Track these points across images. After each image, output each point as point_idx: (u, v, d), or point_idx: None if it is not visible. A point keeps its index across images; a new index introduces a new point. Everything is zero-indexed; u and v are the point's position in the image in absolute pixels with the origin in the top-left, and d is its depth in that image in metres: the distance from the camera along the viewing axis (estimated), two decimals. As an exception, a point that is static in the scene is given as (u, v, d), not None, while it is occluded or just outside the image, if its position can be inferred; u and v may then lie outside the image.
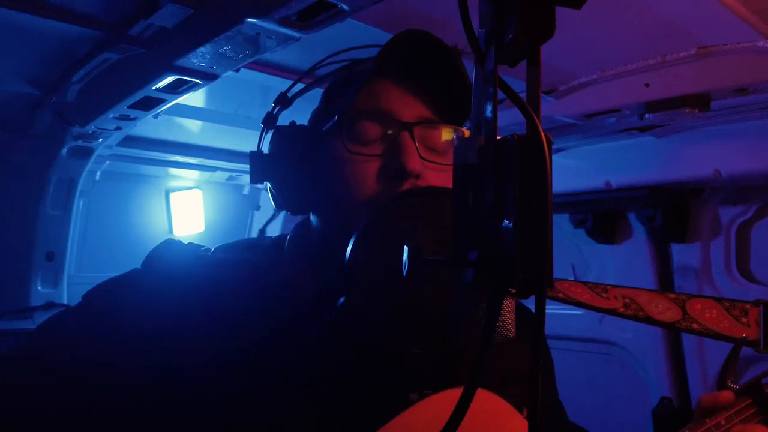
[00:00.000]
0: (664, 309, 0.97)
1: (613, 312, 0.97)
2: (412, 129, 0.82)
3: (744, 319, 0.97)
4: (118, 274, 0.87)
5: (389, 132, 0.83)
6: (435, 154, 0.84)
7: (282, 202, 0.91)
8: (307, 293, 0.84)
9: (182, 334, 0.77)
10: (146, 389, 0.75)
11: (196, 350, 0.76)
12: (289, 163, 0.89)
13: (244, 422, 0.73)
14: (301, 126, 0.93)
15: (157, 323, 0.78)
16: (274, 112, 0.98)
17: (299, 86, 0.99)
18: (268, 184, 0.92)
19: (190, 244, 0.92)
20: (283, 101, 0.98)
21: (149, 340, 0.77)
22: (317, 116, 0.94)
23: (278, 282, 0.86)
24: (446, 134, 0.85)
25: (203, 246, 0.93)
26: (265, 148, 0.93)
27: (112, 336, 0.78)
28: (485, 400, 0.79)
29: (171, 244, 0.90)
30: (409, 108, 0.84)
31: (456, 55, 0.82)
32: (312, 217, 0.92)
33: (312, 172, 0.88)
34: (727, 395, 0.88)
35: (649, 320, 0.97)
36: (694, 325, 0.96)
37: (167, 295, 0.82)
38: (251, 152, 0.92)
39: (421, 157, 0.82)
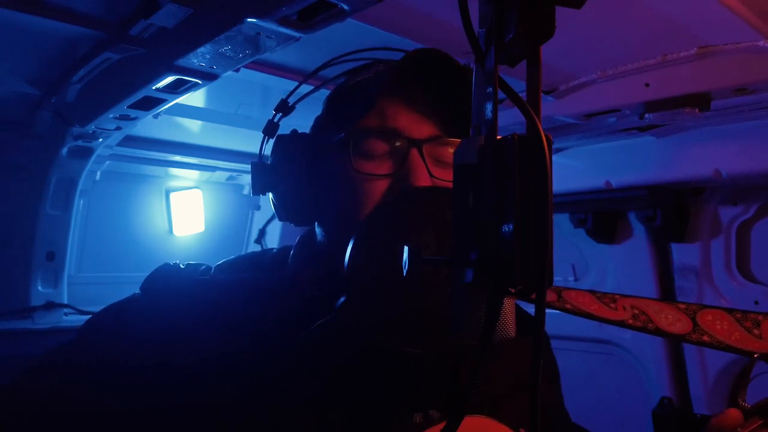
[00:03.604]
0: (674, 320, 0.93)
1: (621, 324, 0.93)
2: (421, 146, 0.81)
3: (756, 331, 0.92)
4: (117, 273, 0.88)
5: (398, 150, 0.82)
6: (446, 170, 0.83)
7: (285, 213, 0.90)
8: (307, 294, 0.84)
9: (181, 334, 0.78)
10: (145, 390, 0.75)
11: (195, 351, 0.76)
12: (292, 174, 0.87)
13: (243, 423, 0.73)
14: (304, 135, 0.91)
15: (156, 325, 0.79)
16: (275, 120, 0.96)
17: (300, 92, 0.97)
18: (270, 195, 0.90)
19: (188, 265, 0.90)
20: (284, 108, 0.97)
21: (148, 339, 0.78)
22: (321, 125, 0.92)
23: (278, 284, 0.86)
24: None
25: (203, 265, 0.91)
26: (266, 154, 0.91)
27: (115, 346, 0.79)
28: (482, 424, 0.78)
29: (168, 269, 0.89)
30: (418, 126, 0.82)
31: (467, 73, 0.80)
32: (317, 230, 0.90)
33: (316, 184, 0.87)
34: (735, 415, 0.84)
35: (659, 332, 0.93)
36: (705, 338, 0.91)
37: (167, 314, 0.81)
38: (252, 162, 0.91)
39: (432, 176, 0.81)
